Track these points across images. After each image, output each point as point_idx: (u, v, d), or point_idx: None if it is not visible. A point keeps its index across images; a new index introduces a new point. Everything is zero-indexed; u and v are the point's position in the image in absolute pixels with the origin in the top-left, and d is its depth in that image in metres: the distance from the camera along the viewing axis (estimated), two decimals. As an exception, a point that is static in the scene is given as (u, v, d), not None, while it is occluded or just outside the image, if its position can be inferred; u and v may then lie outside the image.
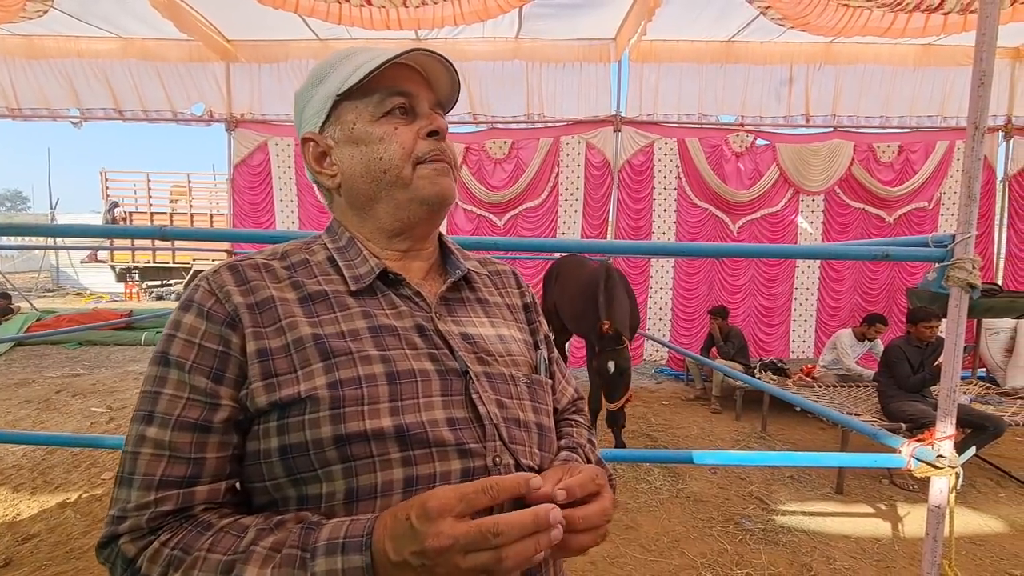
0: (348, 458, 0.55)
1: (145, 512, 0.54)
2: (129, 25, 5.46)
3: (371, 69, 0.64)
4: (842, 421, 2.12)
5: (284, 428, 0.56)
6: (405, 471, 0.56)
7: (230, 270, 0.63)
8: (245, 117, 6.19)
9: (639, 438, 4.33)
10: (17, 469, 3.40)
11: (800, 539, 2.80)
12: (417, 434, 0.57)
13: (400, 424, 0.56)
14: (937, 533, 1.58)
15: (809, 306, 6.28)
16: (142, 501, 0.54)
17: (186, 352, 0.58)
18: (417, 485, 0.56)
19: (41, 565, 2.40)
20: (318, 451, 0.55)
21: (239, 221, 6.42)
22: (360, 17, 4.49)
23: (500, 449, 0.61)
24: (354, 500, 0.55)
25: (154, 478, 0.55)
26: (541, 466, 0.66)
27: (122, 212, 12.60)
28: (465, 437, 0.59)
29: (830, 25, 4.53)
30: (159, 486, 0.55)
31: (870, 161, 6.00)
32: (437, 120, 0.68)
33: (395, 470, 0.56)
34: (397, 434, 0.56)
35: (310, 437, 0.55)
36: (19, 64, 5.88)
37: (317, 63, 0.71)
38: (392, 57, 0.65)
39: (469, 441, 0.59)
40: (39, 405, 4.86)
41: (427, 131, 0.67)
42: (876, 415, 3.76)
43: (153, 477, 0.55)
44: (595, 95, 5.99)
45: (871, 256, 1.71)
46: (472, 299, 0.73)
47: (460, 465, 0.58)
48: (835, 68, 5.81)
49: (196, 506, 0.56)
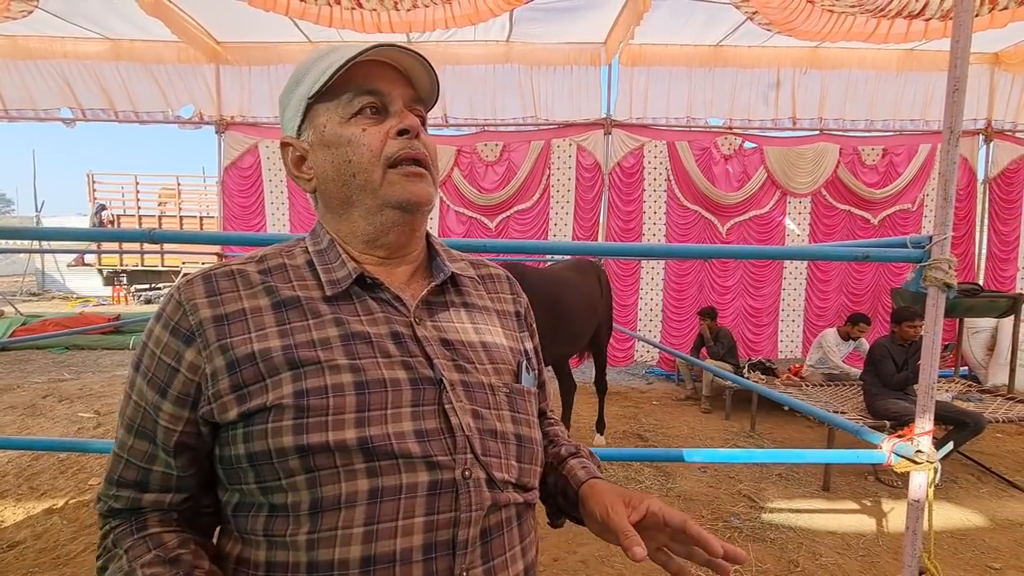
0: (311, 468, 0.54)
1: (106, 502, 0.63)
2: (117, 26, 5.41)
3: (336, 68, 0.62)
4: (826, 418, 2.16)
5: (249, 436, 0.56)
6: (370, 482, 0.55)
7: (203, 280, 0.62)
8: (235, 119, 6.16)
9: (630, 438, 4.36)
10: (2, 475, 3.35)
11: (787, 536, 2.84)
12: (382, 446, 0.56)
13: (364, 436, 0.55)
14: (917, 527, 1.62)
15: (797, 306, 6.37)
16: (105, 492, 0.63)
17: (150, 362, 0.60)
18: (382, 497, 0.55)
19: (27, 572, 2.37)
20: (281, 460, 0.55)
21: (229, 224, 6.39)
22: (351, 20, 4.49)
23: (471, 462, 0.59)
24: (319, 511, 0.54)
25: (114, 476, 0.62)
26: (519, 479, 0.64)
27: (110, 215, 12.47)
28: (434, 449, 0.58)
29: (815, 30, 4.61)
30: (117, 484, 0.62)
31: (855, 164, 6.10)
32: (408, 118, 0.65)
33: (359, 481, 0.55)
34: (361, 446, 0.55)
35: (272, 446, 0.55)
36: (3, 64, 5.81)
37: (298, 63, 0.69)
38: (355, 55, 0.62)
39: (438, 453, 0.58)
40: (24, 411, 4.79)
41: (397, 130, 0.64)
42: (861, 413, 3.82)
43: (114, 475, 0.62)
44: (586, 98, 6.04)
45: (852, 257, 1.75)
46: (457, 303, 0.71)
47: (428, 478, 0.57)
48: (821, 72, 5.90)
49: (144, 508, 0.62)
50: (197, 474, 0.62)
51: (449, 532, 0.57)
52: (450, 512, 0.57)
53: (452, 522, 0.57)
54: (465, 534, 0.58)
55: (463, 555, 0.57)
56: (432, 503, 0.57)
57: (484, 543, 0.60)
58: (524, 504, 0.66)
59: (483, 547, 0.60)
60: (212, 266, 0.65)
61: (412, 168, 0.64)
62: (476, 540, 0.59)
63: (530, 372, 0.73)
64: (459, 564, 0.57)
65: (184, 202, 12.82)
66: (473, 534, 0.58)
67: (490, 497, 0.60)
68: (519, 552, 0.64)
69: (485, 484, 0.60)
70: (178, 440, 0.59)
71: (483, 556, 0.59)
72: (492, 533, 0.61)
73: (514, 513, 0.64)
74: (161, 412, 0.59)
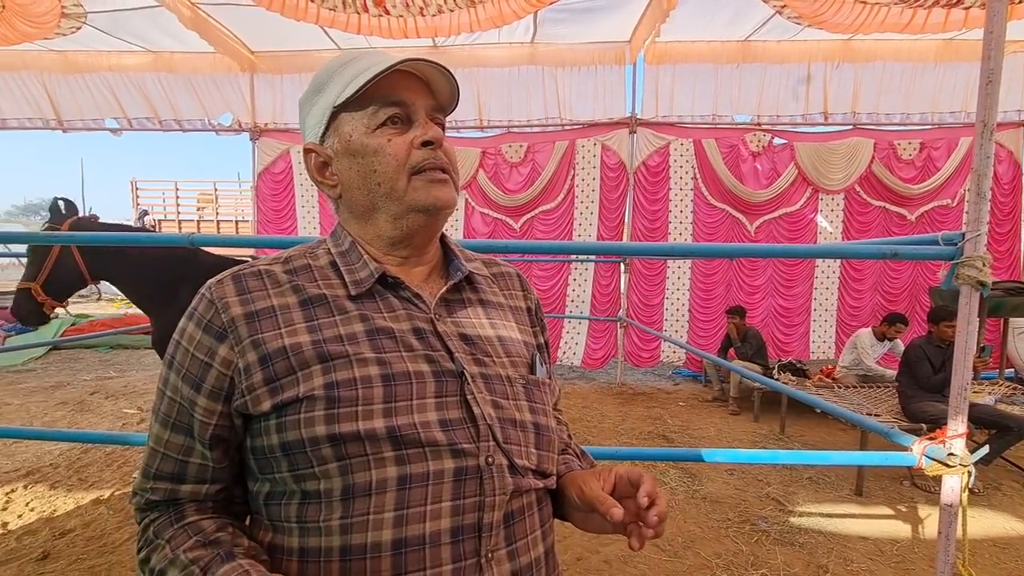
0: (343, 456, 0.57)
1: (143, 495, 0.65)
2: (159, 39, 5.66)
3: (365, 81, 0.64)
4: (854, 419, 2.11)
5: (282, 426, 0.59)
6: (399, 469, 0.58)
7: (233, 280, 0.65)
8: (268, 126, 6.37)
9: (655, 439, 4.33)
10: (54, 467, 3.55)
11: (817, 540, 2.78)
12: (409, 435, 0.58)
13: (392, 425, 0.58)
14: (950, 532, 1.58)
15: (829, 306, 6.19)
16: (142, 486, 0.65)
17: (183, 359, 0.63)
18: (411, 483, 0.58)
19: (77, 559, 2.51)
20: (314, 448, 0.57)
21: (263, 227, 6.60)
22: (379, 27, 4.60)
23: (493, 449, 0.62)
24: (350, 496, 0.57)
25: (151, 470, 0.65)
26: (538, 466, 0.67)
27: (152, 220, 13.00)
28: (458, 437, 0.60)
29: (848, 22, 4.49)
30: (154, 478, 0.65)
31: (891, 159, 5.90)
32: (432, 129, 0.67)
33: (389, 468, 0.57)
34: (389, 435, 0.58)
35: (305, 435, 0.57)
36: (56, 78, 6.15)
37: (318, 69, 0.70)
38: (385, 68, 0.64)
39: (462, 441, 0.60)
40: (74, 406, 5.06)
41: (421, 141, 0.66)
42: (896, 416, 3.70)
43: (150, 469, 0.65)
44: (610, 97, 6.02)
45: (880, 255, 1.72)
46: (473, 300, 0.74)
47: (453, 464, 0.60)
48: (854, 65, 5.73)
49: (182, 499, 0.65)
50: (230, 466, 0.65)
51: (475, 516, 0.60)
52: (475, 497, 0.60)
53: (477, 506, 0.60)
54: (490, 518, 0.60)
55: (488, 537, 0.60)
56: (458, 488, 0.60)
57: (507, 526, 0.63)
58: (543, 490, 0.69)
59: (506, 530, 0.63)
60: (240, 267, 0.67)
61: (436, 174, 0.67)
62: (500, 524, 0.62)
63: (543, 365, 0.76)
64: (484, 546, 0.60)
65: (221, 207, 13.27)
66: (497, 518, 0.61)
67: (512, 483, 0.63)
68: (539, 536, 0.67)
69: (507, 470, 0.63)
70: (213, 433, 0.62)
71: (507, 539, 0.62)
72: (515, 517, 0.64)
73: (534, 498, 0.67)
74: (196, 406, 0.62)
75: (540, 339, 0.81)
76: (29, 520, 2.86)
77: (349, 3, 4.27)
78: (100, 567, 2.43)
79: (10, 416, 4.74)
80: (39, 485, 3.29)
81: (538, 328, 0.81)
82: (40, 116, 6.29)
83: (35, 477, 3.40)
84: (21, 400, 5.19)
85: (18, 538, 2.68)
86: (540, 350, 0.79)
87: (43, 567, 2.43)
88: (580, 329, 6.46)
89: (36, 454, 3.74)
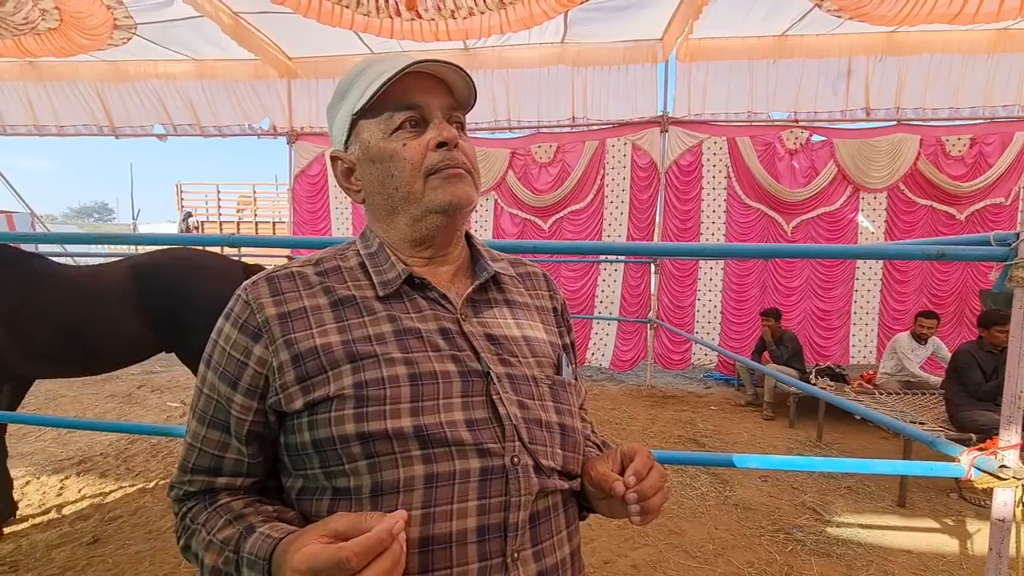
0: (372, 454, 0.58)
1: (180, 488, 0.68)
2: (202, 48, 5.90)
3: (376, 89, 0.65)
4: (897, 427, 2.03)
5: (313, 424, 0.60)
6: (426, 468, 0.58)
7: (267, 282, 0.66)
8: (304, 130, 6.56)
9: (686, 443, 4.25)
10: (104, 456, 3.74)
11: (856, 552, 2.69)
12: (436, 434, 0.59)
13: (419, 424, 0.59)
14: (1002, 548, 1.51)
15: (871, 308, 5.95)
16: (179, 480, 0.68)
17: (220, 357, 0.65)
18: (438, 482, 0.58)
19: (124, 544, 2.64)
20: (344, 446, 0.59)
21: (299, 228, 6.80)
22: (411, 30, 4.67)
23: (519, 449, 0.62)
24: (379, 494, 0.58)
25: (188, 464, 0.68)
26: (563, 467, 0.67)
27: (195, 221, 13.51)
28: (484, 437, 0.61)
29: (891, 14, 4.31)
30: (191, 471, 0.67)
31: (938, 155, 5.63)
32: (445, 130, 0.67)
33: (416, 467, 0.58)
34: (416, 434, 0.59)
35: (336, 433, 0.59)
36: (109, 87, 6.48)
37: (342, 76, 0.72)
38: (394, 75, 0.64)
39: (488, 441, 0.61)
40: (122, 399, 5.32)
41: (436, 142, 0.66)
42: (943, 424, 3.54)
43: (188, 463, 0.68)
44: (641, 96, 5.95)
45: (924, 256, 1.65)
46: (500, 300, 0.74)
47: (479, 464, 0.60)
48: (898, 59, 5.49)
49: (218, 490, 0.67)
50: (265, 461, 0.67)
51: (501, 516, 0.60)
52: (501, 497, 0.60)
53: (503, 506, 0.60)
54: (515, 518, 0.61)
55: (514, 537, 0.61)
56: (484, 488, 0.60)
57: (533, 527, 0.63)
58: (569, 491, 0.69)
59: (532, 531, 0.63)
60: (273, 269, 0.69)
61: (452, 170, 0.67)
62: (526, 524, 0.62)
63: (569, 366, 0.76)
64: (510, 546, 0.60)
65: (259, 208, 13.69)
66: (523, 518, 0.61)
67: (538, 483, 0.63)
68: (565, 537, 0.67)
69: (533, 471, 0.63)
70: (249, 429, 0.64)
71: (532, 539, 0.63)
72: (540, 518, 0.64)
73: (560, 499, 0.67)
74: (233, 404, 0.64)
75: (566, 339, 0.81)
76: (81, 506, 3.02)
77: (382, 8, 4.35)
78: (145, 553, 2.55)
79: (65, 407, 5.01)
80: (90, 473, 3.47)
81: (564, 328, 0.82)
82: (94, 123, 6.64)
83: (87, 465, 3.59)
84: (75, 392, 5.48)
85: (71, 523, 2.83)
86: (566, 350, 0.79)
87: (93, 551, 2.57)
88: (609, 330, 6.40)
89: (88, 443, 3.95)
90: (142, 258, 2.83)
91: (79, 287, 2.59)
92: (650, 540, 2.74)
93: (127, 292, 2.61)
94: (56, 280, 2.58)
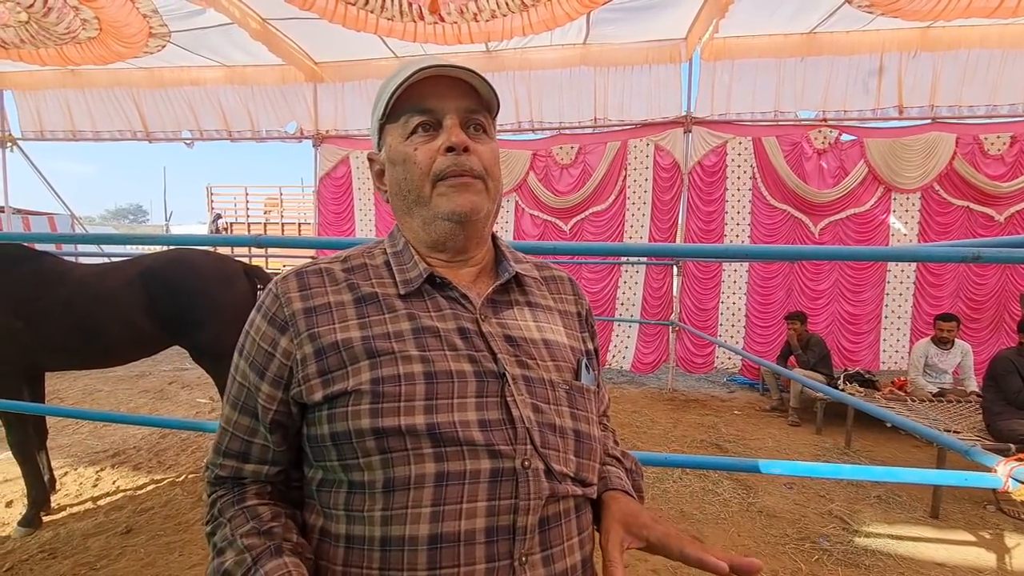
0: (385, 450, 0.59)
1: (213, 470, 0.71)
2: (232, 54, 6.07)
3: (389, 97, 0.68)
4: (930, 435, 1.96)
5: (332, 417, 0.62)
6: (437, 466, 0.59)
7: (297, 277, 0.69)
8: (330, 133, 6.68)
9: (708, 448, 4.19)
10: (137, 450, 3.87)
11: (886, 563, 2.61)
12: (448, 433, 0.60)
13: (432, 422, 0.60)
14: (1040, 562, 1.44)
15: (903, 313, 5.76)
16: (213, 460, 0.72)
17: (251, 347, 0.68)
18: (448, 481, 0.59)
19: (155, 534, 2.72)
20: (359, 440, 0.60)
21: (323, 230, 6.92)
22: (434, 34, 4.72)
23: (530, 453, 0.62)
24: (391, 489, 0.59)
25: (221, 447, 0.71)
26: (577, 473, 0.66)
27: (224, 223, 13.85)
28: (495, 439, 0.61)
29: (926, 9, 4.18)
30: (223, 454, 0.70)
31: (975, 154, 5.43)
32: (455, 134, 0.67)
33: (427, 464, 0.59)
34: (429, 432, 0.60)
35: (352, 427, 0.60)
36: (143, 93, 6.71)
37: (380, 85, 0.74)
38: (401, 82, 0.67)
39: (499, 443, 0.61)
40: (154, 395, 5.49)
41: (445, 147, 0.67)
42: (980, 434, 3.41)
43: (220, 446, 0.71)
44: (664, 96, 5.88)
45: (958, 258, 1.58)
46: (521, 302, 0.74)
47: (490, 465, 0.60)
48: (933, 55, 5.31)
49: (245, 478, 0.70)
50: (288, 451, 0.69)
51: (510, 518, 0.60)
52: (511, 499, 0.60)
53: (512, 508, 0.60)
54: (524, 521, 0.60)
55: (522, 541, 0.60)
56: (494, 489, 0.60)
57: (543, 531, 0.62)
58: (582, 498, 0.69)
59: (542, 535, 0.62)
60: (303, 264, 0.72)
61: (458, 180, 0.67)
62: (535, 528, 0.61)
63: (590, 371, 0.75)
64: (518, 549, 0.60)
65: (285, 210, 13.96)
66: (532, 521, 0.61)
67: (548, 487, 0.62)
68: (576, 544, 0.66)
69: (544, 475, 0.62)
70: (273, 418, 0.66)
71: (542, 544, 0.62)
72: (550, 522, 0.63)
73: (572, 505, 0.67)
74: (260, 392, 0.67)
75: (589, 345, 0.80)
76: (116, 498, 3.13)
77: (406, 12, 4.40)
78: (175, 544, 2.63)
79: (101, 402, 5.20)
80: (124, 466, 3.59)
81: (588, 334, 0.81)
82: (129, 128, 6.88)
83: (121, 458, 3.71)
84: (110, 387, 5.68)
85: (106, 513, 2.94)
86: (589, 356, 0.78)
87: (126, 540, 2.66)
88: (630, 332, 6.34)
89: (122, 437, 4.09)
90: (149, 258, 2.97)
91: (92, 285, 2.73)
92: (671, 545, 2.71)
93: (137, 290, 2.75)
94: (70, 277, 2.72)
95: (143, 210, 55.48)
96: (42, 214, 8.92)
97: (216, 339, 2.87)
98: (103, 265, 2.96)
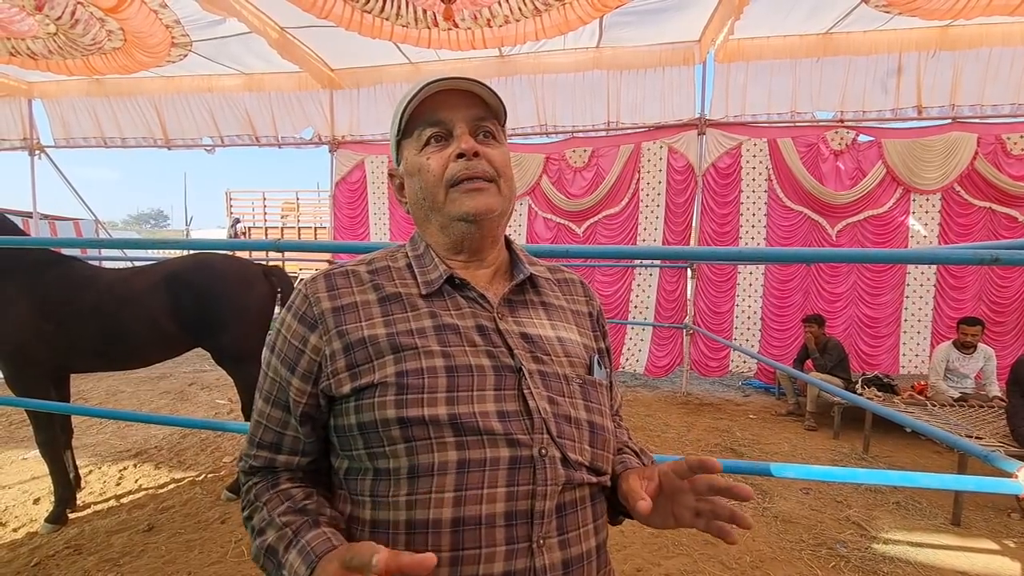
0: (410, 438, 0.63)
1: (247, 461, 0.76)
2: (251, 62, 6.19)
3: (401, 115, 0.74)
4: (949, 440, 1.93)
5: (359, 408, 0.66)
6: (459, 454, 0.63)
7: (324, 278, 0.74)
8: (345, 138, 6.77)
9: (723, 452, 4.15)
10: (158, 449, 3.96)
11: (904, 571, 2.57)
12: (468, 422, 0.64)
13: (454, 413, 0.64)
14: (1063, 571, 1.42)
15: (923, 316, 5.66)
16: (248, 452, 0.76)
17: (281, 344, 0.73)
18: (469, 468, 0.63)
19: (176, 532, 2.79)
20: (385, 429, 0.64)
21: (339, 234, 7.01)
22: (448, 40, 4.77)
23: (547, 442, 0.66)
24: (415, 476, 0.63)
25: (255, 438, 0.75)
26: (591, 462, 0.70)
27: (243, 227, 14.08)
28: (513, 428, 0.65)
29: (945, 8, 4.12)
30: (257, 446, 0.75)
31: (998, 154, 5.32)
32: (465, 141, 0.72)
33: (450, 452, 0.63)
34: (451, 421, 0.63)
35: (378, 417, 0.64)
36: (165, 101, 6.88)
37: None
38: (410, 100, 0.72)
39: (517, 432, 0.65)
40: (175, 396, 5.61)
41: (455, 154, 0.72)
42: (1004, 440, 3.33)
43: (255, 438, 0.75)
44: (678, 99, 5.86)
45: (977, 260, 1.57)
46: (536, 301, 0.79)
47: (508, 453, 0.64)
48: (953, 54, 5.22)
49: (278, 468, 0.75)
50: (318, 442, 0.73)
51: (528, 503, 0.64)
52: (529, 485, 0.64)
53: (530, 494, 0.64)
54: (542, 506, 0.64)
55: (540, 525, 0.64)
56: (513, 476, 0.64)
57: (559, 517, 0.66)
58: (597, 487, 0.72)
59: (558, 520, 0.66)
60: (330, 267, 0.77)
61: (471, 184, 0.72)
62: (552, 513, 0.65)
63: (602, 368, 0.80)
64: (536, 532, 0.64)
65: (302, 215, 14.16)
66: (549, 507, 0.65)
67: (564, 475, 0.66)
68: (592, 530, 0.70)
69: (560, 463, 0.66)
70: (303, 411, 0.71)
71: (558, 528, 0.66)
72: (567, 509, 0.67)
73: (587, 493, 0.70)
74: (291, 386, 0.71)
75: (601, 344, 0.84)
76: (138, 496, 3.21)
77: (420, 19, 4.46)
78: (195, 542, 2.69)
79: (124, 402, 5.33)
80: (146, 464, 3.68)
81: (599, 333, 0.85)
82: (151, 135, 7.05)
83: (143, 457, 3.80)
84: (133, 388, 5.81)
85: (128, 511, 3.01)
86: (600, 354, 0.82)
87: (148, 538, 2.72)
88: (644, 336, 6.32)
89: (144, 436, 4.19)
90: (173, 263, 3.04)
91: (118, 288, 2.80)
92: (684, 549, 2.70)
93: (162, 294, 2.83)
94: (97, 282, 2.80)
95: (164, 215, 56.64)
96: (68, 219, 9.16)
97: (238, 341, 2.94)
98: (129, 269, 3.05)
